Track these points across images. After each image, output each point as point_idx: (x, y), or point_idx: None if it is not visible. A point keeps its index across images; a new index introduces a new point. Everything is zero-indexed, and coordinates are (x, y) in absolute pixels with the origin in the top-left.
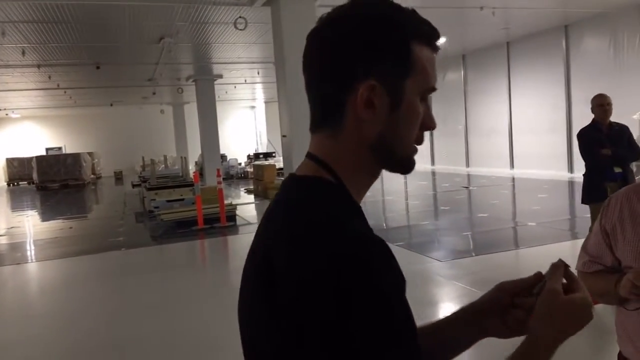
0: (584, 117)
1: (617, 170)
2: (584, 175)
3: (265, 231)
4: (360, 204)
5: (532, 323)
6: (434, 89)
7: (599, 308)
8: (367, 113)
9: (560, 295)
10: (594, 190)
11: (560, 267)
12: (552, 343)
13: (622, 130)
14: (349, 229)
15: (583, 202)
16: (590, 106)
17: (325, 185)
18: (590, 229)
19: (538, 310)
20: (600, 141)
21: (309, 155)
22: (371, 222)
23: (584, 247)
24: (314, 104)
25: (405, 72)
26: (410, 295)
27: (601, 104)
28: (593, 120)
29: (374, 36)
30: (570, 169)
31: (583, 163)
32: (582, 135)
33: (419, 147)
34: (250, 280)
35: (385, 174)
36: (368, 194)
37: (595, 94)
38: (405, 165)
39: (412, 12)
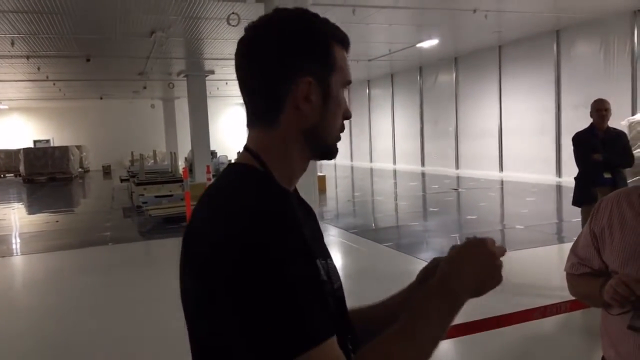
0: (573, 121)
1: (607, 175)
2: (575, 178)
3: (193, 210)
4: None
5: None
6: (349, 82)
7: (585, 312)
8: (306, 106)
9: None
10: (584, 193)
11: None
12: (445, 283)
13: (619, 136)
14: (256, 211)
15: (573, 203)
16: (589, 110)
17: (250, 171)
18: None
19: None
20: (593, 146)
21: (245, 147)
22: (360, 222)
23: (573, 250)
24: (254, 101)
25: (331, 69)
26: None
27: (598, 109)
28: (591, 124)
29: (305, 41)
30: (559, 173)
31: (575, 166)
32: (575, 139)
33: (413, 149)
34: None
35: (378, 174)
36: (357, 193)
37: (586, 98)
38: (331, 152)
39: (327, 20)
